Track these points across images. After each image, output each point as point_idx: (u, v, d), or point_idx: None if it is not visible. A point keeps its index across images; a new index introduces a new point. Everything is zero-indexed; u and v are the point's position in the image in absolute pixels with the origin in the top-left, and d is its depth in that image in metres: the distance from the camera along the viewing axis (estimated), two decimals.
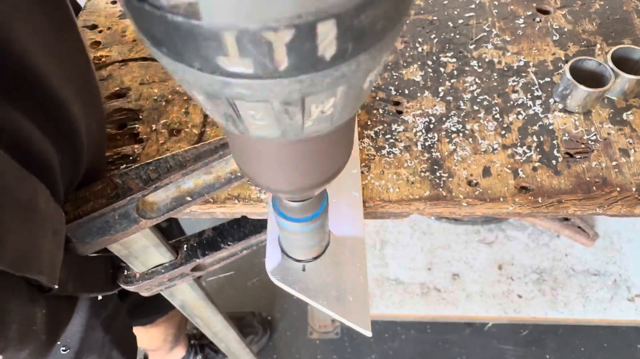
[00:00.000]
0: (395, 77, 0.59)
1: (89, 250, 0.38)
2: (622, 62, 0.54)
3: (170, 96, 0.58)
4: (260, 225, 0.52)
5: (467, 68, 0.59)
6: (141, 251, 0.45)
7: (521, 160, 0.51)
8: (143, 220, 0.38)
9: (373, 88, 0.58)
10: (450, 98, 0.57)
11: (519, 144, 0.52)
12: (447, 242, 1.25)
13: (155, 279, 0.48)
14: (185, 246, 0.51)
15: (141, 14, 0.12)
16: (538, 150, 0.52)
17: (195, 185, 0.40)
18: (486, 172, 0.51)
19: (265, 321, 1.36)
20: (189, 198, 0.40)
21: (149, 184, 0.37)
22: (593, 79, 0.53)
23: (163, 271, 0.49)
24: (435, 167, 0.51)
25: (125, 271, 0.48)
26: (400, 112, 0.56)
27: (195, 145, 0.40)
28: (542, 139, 0.53)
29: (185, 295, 0.56)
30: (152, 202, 0.38)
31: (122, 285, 0.48)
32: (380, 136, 0.54)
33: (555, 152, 0.52)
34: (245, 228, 0.52)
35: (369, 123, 0.55)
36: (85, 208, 0.35)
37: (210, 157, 0.40)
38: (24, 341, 0.33)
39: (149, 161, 0.38)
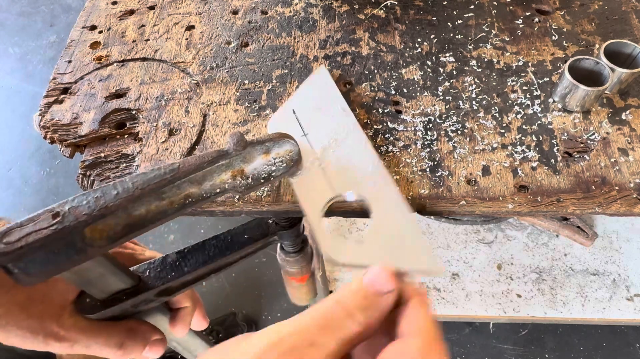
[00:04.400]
0: (394, 76, 0.59)
1: (34, 281, 0.35)
2: (615, 57, 0.54)
3: (170, 95, 0.59)
4: (225, 247, 0.51)
5: (466, 68, 0.60)
6: (97, 279, 0.42)
7: (520, 159, 0.51)
8: (91, 248, 0.35)
9: (373, 88, 0.58)
10: (450, 97, 0.57)
11: (518, 143, 0.53)
12: (446, 242, 1.25)
13: (118, 306, 0.46)
14: (148, 271, 0.49)
15: None
16: (537, 149, 0.52)
17: (147, 211, 0.38)
18: (485, 171, 0.51)
19: (248, 318, 1.37)
20: (140, 225, 0.38)
21: (95, 211, 0.35)
22: (591, 78, 0.53)
23: (125, 297, 0.46)
24: (435, 165, 0.51)
25: (87, 298, 0.45)
26: (399, 112, 0.56)
27: (144, 171, 0.38)
28: (541, 138, 0.53)
29: (156, 321, 0.53)
30: (100, 229, 0.36)
31: (84, 314, 0.45)
32: (380, 135, 0.54)
33: (554, 151, 0.52)
34: (210, 251, 0.51)
35: (368, 122, 0.55)
36: (27, 239, 0.33)
37: (159, 182, 0.38)
38: None
39: (95, 188, 0.37)
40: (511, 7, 0.66)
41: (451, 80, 0.58)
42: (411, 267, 0.41)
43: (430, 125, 0.55)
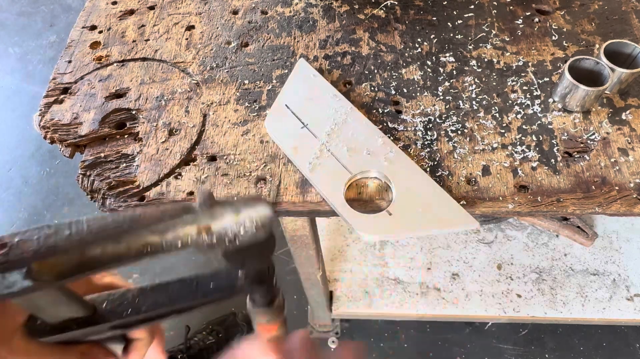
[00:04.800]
0: (394, 76, 0.59)
1: None
2: (615, 57, 0.54)
3: (170, 95, 0.58)
4: (188, 293, 0.49)
5: (466, 68, 0.60)
6: (47, 305, 0.41)
7: (520, 159, 0.51)
8: (38, 282, 0.34)
9: (373, 88, 0.58)
10: (450, 97, 0.57)
11: (518, 143, 0.53)
12: (446, 242, 1.25)
13: (68, 334, 0.44)
14: (105, 303, 0.47)
15: None
16: (537, 149, 0.52)
17: (103, 253, 0.36)
18: (485, 170, 0.51)
19: (248, 318, 1.37)
20: (94, 266, 0.36)
21: (44, 249, 0.34)
22: (591, 78, 0.53)
23: (76, 326, 0.44)
24: (435, 165, 0.51)
25: (38, 320, 0.43)
26: (399, 112, 0.56)
27: (103, 216, 0.37)
28: (541, 138, 0.53)
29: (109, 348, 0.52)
30: (50, 265, 0.35)
31: (34, 338, 0.43)
32: None
33: (554, 151, 0.52)
34: (172, 293, 0.49)
35: None
36: None
37: (116, 230, 0.36)
38: None
39: (50, 224, 0.36)
40: (511, 7, 0.66)
41: (451, 80, 0.58)
42: (445, 227, 0.43)
43: (430, 125, 0.55)
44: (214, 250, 0.41)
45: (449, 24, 0.65)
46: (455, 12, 0.66)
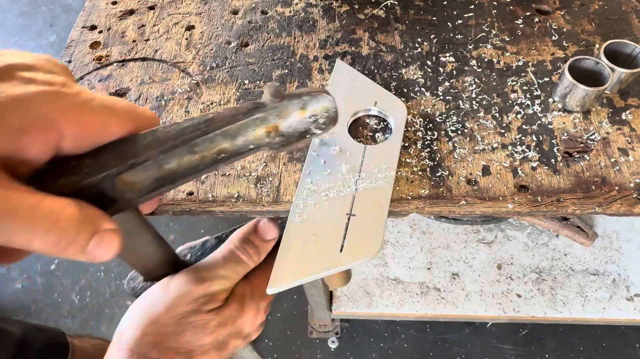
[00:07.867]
0: (394, 76, 0.59)
1: None
2: (615, 57, 0.54)
3: (170, 95, 0.59)
4: None
5: (466, 68, 0.60)
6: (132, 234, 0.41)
7: (520, 159, 0.51)
8: (122, 201, 0.34)
9: None
10: (450, 97, 0.57)
11: (518, 143, 0.53)
12: (446, 242, 1.25)
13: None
14: (189, 255, 0.51)
15: None
16: (537, 149, 0.52)
17: (179, 165, 0.36)
18: (485, 170, 0.51)
19: None
20: (171, 179, 0.37)
21: (125, 161, 0.34)
22: (591, 78, 0.53)
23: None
24: (435, 165, 0.51)
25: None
26: None
27: (177, 122, 0.38)
28: (541, 138, 0.53)
29: None
30: (131, 182, 0.34)
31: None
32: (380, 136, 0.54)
33: (554, 151, 0.52)
34: None
35: (369, 122, 0.55)
36: (54, 185, 0.31)
37: (193, 132, 0.36)
38: None
39: (124, 138, 0.36)
40: (511, 7, 0.66)
41: (451, 80, 0.58)
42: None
43: (431, 125, 0.55)
44: (286, 148, 0.41)
45: (449, 23, 0.65)
46: (455, 12, 0.66)
